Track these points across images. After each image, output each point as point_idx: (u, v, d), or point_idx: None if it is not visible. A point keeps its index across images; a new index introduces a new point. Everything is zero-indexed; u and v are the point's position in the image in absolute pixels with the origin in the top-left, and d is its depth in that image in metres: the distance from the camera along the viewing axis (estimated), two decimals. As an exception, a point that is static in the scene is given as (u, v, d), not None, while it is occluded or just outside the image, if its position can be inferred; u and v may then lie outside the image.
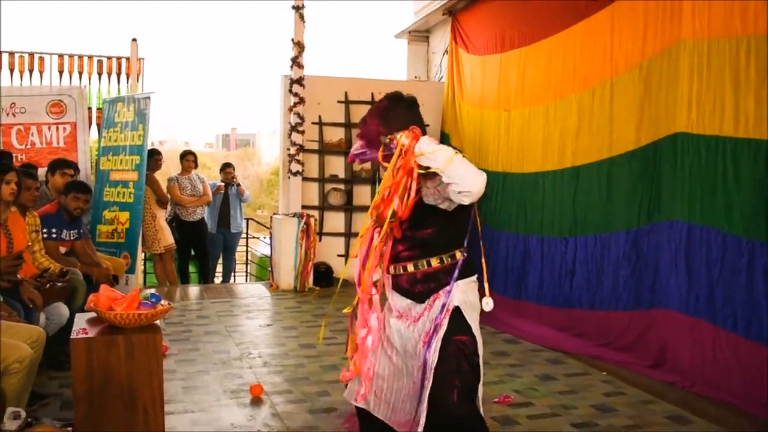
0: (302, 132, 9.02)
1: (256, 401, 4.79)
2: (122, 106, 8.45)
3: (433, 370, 2.77)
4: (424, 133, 2.75)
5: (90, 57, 9.86)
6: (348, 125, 9.60)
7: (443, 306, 2.84)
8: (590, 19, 6.45)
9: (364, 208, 9.63)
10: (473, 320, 2.89)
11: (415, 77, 10.93)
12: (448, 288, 2.86)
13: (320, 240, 9.36)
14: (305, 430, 4.29)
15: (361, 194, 9.70)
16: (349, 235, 9.67)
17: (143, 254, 9.29)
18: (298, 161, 9.00)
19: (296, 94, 8.90)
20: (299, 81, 8.91)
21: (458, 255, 2.93)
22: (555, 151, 6.89)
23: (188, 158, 9.30)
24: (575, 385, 5.24)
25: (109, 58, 9.88)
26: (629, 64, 5.94)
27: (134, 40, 9.39)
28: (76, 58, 9.82)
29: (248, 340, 6.42)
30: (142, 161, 8.06)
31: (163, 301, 3.58)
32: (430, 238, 2.89)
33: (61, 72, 9.82)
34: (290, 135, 9.03)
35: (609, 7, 6.19)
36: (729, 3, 4.93)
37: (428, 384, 2.77)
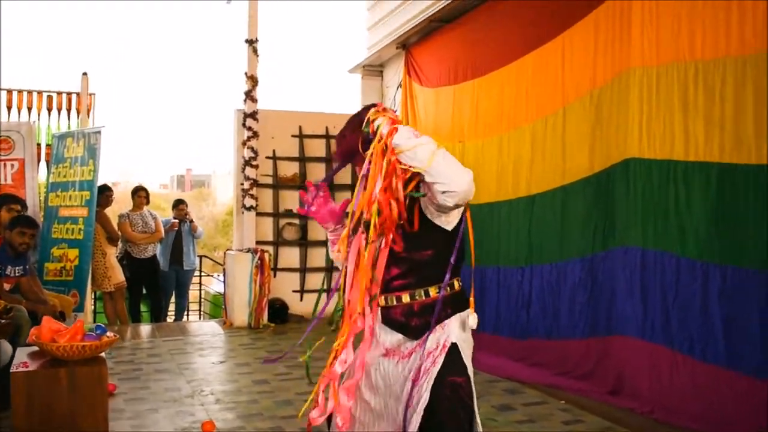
0: (256, 166, 8.93)
1: (208, 437, 4.63)
2: (72, 141, 8.28)
3: (420, 413, 2.42)
4: None
5: (39, 92, 9.71)
6: (303, 159, 9.53)
7: (438, 341, 2.53)
8: (542, 49, 6.50)
9: (320, 243, 9.56)
10: (468, 359, 2.57)
11: (369, 111, 10.90)
12: (445, 321, 2.56)
13: (275, 276, 9.22)
14: (258, 466, 4.14)
15: (317, 229, 9.60)
16: (304, 270, 9.55)
17: (93, 293, 9.05)
18: (251, 196, 8.90)
19: (250, 128, 8.84)
20: (253, 115, 8.85)
21: (456, 285, 2.64)
22: (509, 181, 6.90)
23: (140, 194, 9.13)
24: (533, 414, 5.18)
25: (59, 93, 9.74)
26: (580, 92, 5.99)
27: (85, 74, 9.24)
28: (25, 93, 9.66)
29: (200, 377, 6.24)
30: (92, 197, 7.87)
31: (109, 334, 3.45)
32: (429, 262, 2.56)
33: (9, 108, 9.64)
34: (244, 169, 8.93)
35: (560, 37, 6.25)
36: (676, 30, 5.01)
37: (414, 425, 2.43)
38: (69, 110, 9.70)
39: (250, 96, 8.83)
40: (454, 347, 2.52)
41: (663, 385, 4.98)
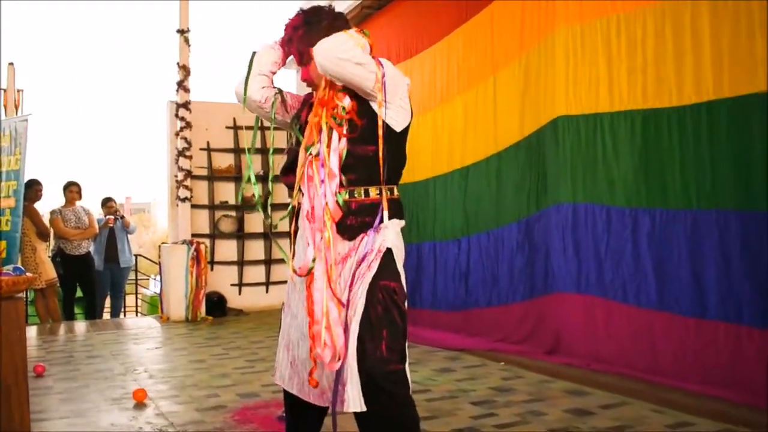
0: (190, 157, 8.79)
1: (140, 406, 4.48)
2: (-4, 132, 8.04)
3: (358, 319, 2.35)
4: None
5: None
6: (237, 151, 9.42)
7: (374, 245, 2.44)
8: (471, 22, 6.57)
9: (257, 235, 9.44)
10: (401, 267, 2.49)
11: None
12: (381, 225, 2.47)
13: (212, 269, 9.05)
14: (190, 425, 4.00)
15: (254, 221, 9.49)
16: (242, 263, 9.40)
17: (24, 291, 8.75)
18: (186, 187, 8.74)
19: (183, 119, 8.70)
20: (185, 105, 8.72)
21: (395, 191, 2.57)
22: (444, 155, 6.92)
23: (72, 189, 8.88)
24: (473, 373, 5.17)
25: (-16, 89, 9.41)
26: (509, 59, 6.06)
27: (11, 64, 8.95)
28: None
29: (134, 359, 6.07)
30: (19, 186, 7.63)
31: (28, 274, 3.33)
32: (372, 160, 2.45)
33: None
34: (177, 161, 8.77)
35: (488, 8, 6.32)
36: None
37: (353, 334, 2.34)
38: (-7, 106, 9.38)
39: (182, 86, 8.69)
40: (388, 252, 2.45)
41: (599, 336, 5.01)
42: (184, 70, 8.72)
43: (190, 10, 8.90)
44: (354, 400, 2.29)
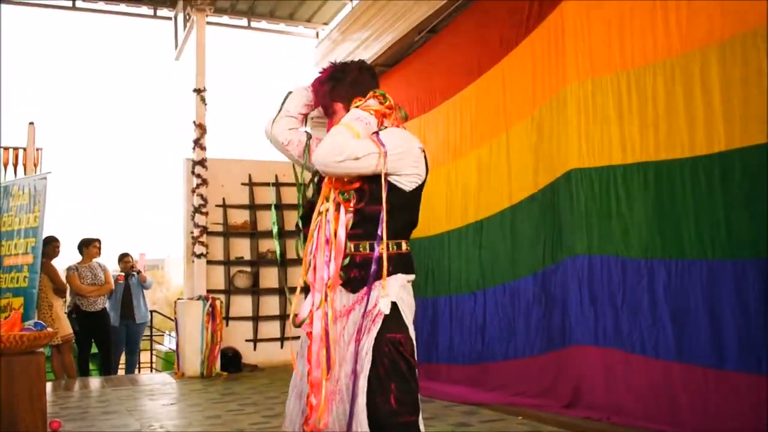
0: (206, 214, 8.88)
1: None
2: (17, 189, 8.15)
3: (366, 374, 2.38)
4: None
5: (-17, 147, 9.55)
6: (252, 207, 9.53)
7: (377, 300, 2.48)
8: (483, 78, 6.69)
9: (272, 291, 9.48)
10: (410, 323, 2.53)
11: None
12: (388, 279, 2.51)
13: (227, 324, 9.07)
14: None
15: (268, 276, 9.53)
16: (257, 318, 9.42)
17: (39, 349, 8.76)
18: (201, 243, 8.81)
19: (199, 176, 8.82)
20: (202, 162, 8.84)
21: (404, 246, 2.61)
22: (458, 210, 6.98)
23: (94, 245, 8.96)
24: (491, 428, 5.11)
25: (6, 148, 9.59)
26: (522, 114, 6.15)
27: (31, 123, 9.13)
28: (-32, 150, 9.50)
29: (150, 416, 6.05)
30: (37, 243, 7.70)
31: (48, 329, 3.37)
32: (379, 218, 2.52)
33: (-49, 165, 9.46)
34: (193, 217, 8.87)
35: (499, 64, 6.45)
36: (607, 43, 5.21)
37: (362, 389, 2.38)
38: (15, 165, 9.54)
39: (198, 144, 8.84)
40: (393, 306, 2.48)
41: (618, 388, 4.97)
42: (201, 128, 8.88)
43: (207, 70, 9.09)
44: None
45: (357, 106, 2.61)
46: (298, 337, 2.72)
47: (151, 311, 10.96)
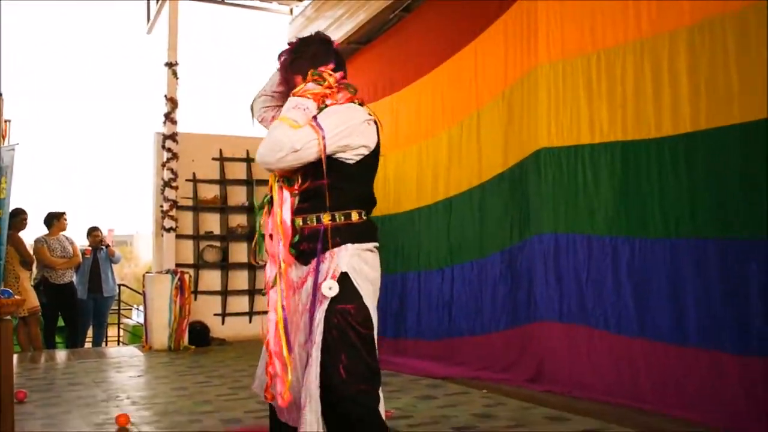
0: (176, 188, 8.85)
1: (123, 431, 4.48)
2: (-18, 161, 8.06)
3: (319, 345, 2.42)
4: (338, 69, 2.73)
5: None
6: (223, 182, 9.51)
7: (328, 271, 2.51)
8: (455, 57, 6.74)
9: (241, 266, 9.48)
10: (367, 293, 2.54)
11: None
12: (335, 250, 2.54)
13: (195, 299, 9.05)
14: (175, 448, 4.02)
15: (238, 251, 9.54)
16: (226, 293, 9.42)
17: (4, 320, 8.69)
18: (171, 217, 8.78)
19: (169, 150, 8.77)
20: (172, 137, 8.80)
21: (354, 216, 2.61)
22: (428, 187, 7.05)
23: (64, 217, 8.90)
24: (456, 401, 5.19)
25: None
26: (493, 93, 6.21)
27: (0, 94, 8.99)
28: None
29: (116, 387, 6.05)
30: (4, 215, 7.64)
31: (15, 296, 3.37)
32: (324, 191, 2.56)
33: None
34: (163, 191, 8.83)
35: (472, 44, 6.50)
36: (579, 24, 5.28)
37: (315, 360, 2.41)
38: (-18, 138, 9.38)
39: (169, 118, 8.79)
40: (344, 276, 2.50)
41: (581, 363, 5.08)
42: (172, 102, 8.83)
43: (179, 44, 9.03)
44: (311, 424, 2.37)
45: (294, 93, 2.62)
46: (267, 312, 2.75)
47: (120, 285, 10.90)
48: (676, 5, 4.56)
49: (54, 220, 8.88)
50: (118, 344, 11.79)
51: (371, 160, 2.67)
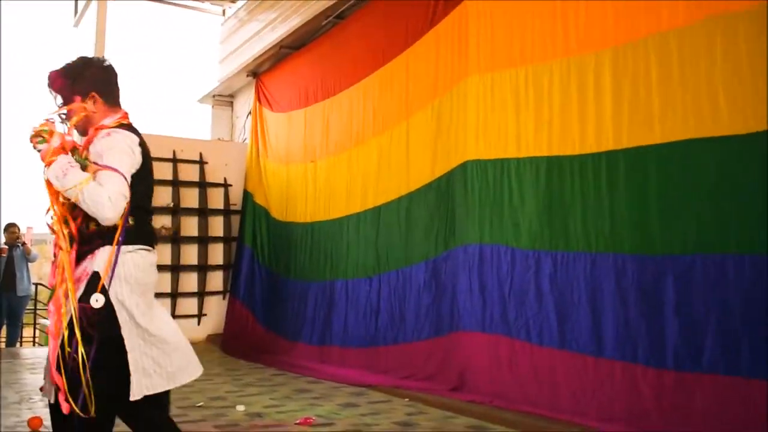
0: (100, 186, 8.61)
1: (35, 433, 4.35)
2: None
3: (58, 339, 2.57)
4: (115, 98, 2.82)
5: None
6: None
7: (85, 270, 2.64)
8: (387, 66, 6.78)
9: (165, 267, 9.30)
10: (127, 294, 2.65)
11: (219, 138, 10.86)
12: (96, 252, 2.64)
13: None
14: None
15: (161, 252, 9.34)
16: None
17: None
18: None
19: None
20: (96, 134, 8.57)
21: (129, 221, 2.70)
22: (357, 195, 7.06)
23: None
24: (378, 409, 5.21)
25: None
26: (423, 104, 6.26)
27: None
28: None
29: (30, 389, 5.86)
30: None
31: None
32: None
33: None
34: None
35: (404, 54, 6.54)
36: (509, 39, 5.38)
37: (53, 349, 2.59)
38: None
39: (94, 115, 8.56)
40: (95, 275, 2.61)
41: (503, 373, 5.14)
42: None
43: (107, 40, 8.83)
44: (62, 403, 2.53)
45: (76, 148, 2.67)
46: (190, 316, 2.79)
47: (36, 284, 10.56)
48: (601, 26, 4.68)
49: None
50: (34, 345, 11.42)
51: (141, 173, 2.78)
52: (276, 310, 8.33)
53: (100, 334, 2.57)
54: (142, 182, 2.74)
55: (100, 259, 2.62)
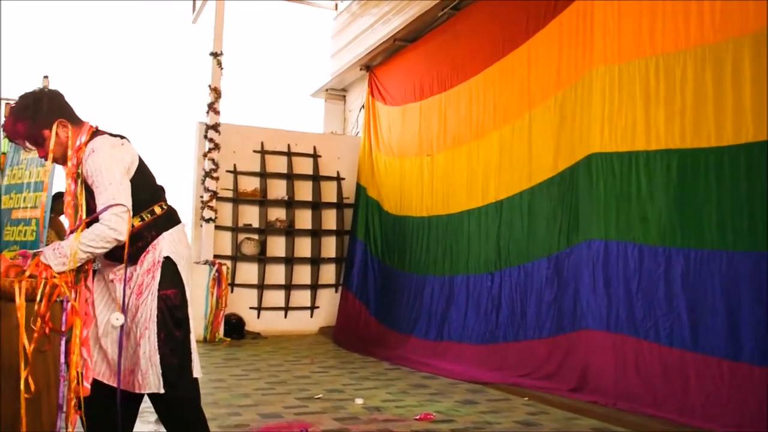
0: (216, 179, 8.85)
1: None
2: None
3: (147, 325, 2.75)
4: (75, 116, 2.87)
5: (-4, 99, 9.46)
6: (263, 175, 9.49)
7: (154, 258, 2.81)
8: (507, 58, 6.64)
9: (278, 260, 9.47)
10: (185, 270, 2.89)
11: (332, 132, 10.96)
12: (154, 242, 2.84)
13: (232, 291, 9.05)
14: (215, 441, 3.99)
15: (275, 245, 9.52)
16: (262, 287, 9.40)
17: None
18: (211, 208, 8.79)
19: (211, 140, 8.78)
20: (215, 127, 8.81)
21: (158, 210, 2.91)
22: (478, 189, 6.96)
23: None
24: (497, 407, 5.12)
25: (19, 101, 9.47)
26: (545, 95, 6.11)
27: (46, 77, 9.02)
28: (-17, 101, 9.39)
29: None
30: (47, 198, 7.66)
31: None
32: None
33: (-34, 116, 9.37)
34: (204, 181, 8.83)
35: (525, 44, 6.39)
36: (637, 28, 5.16)
37: (144, 337, 2.75)
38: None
39: (212, 108, 8.79)
40: (168, 261, 2.82)
41: (628, 374, 4.95)
42: (215, 92, 8.83)
43: (225, 34, 9.02)
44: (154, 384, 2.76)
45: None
46: (303, 308, 2.92)
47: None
48: (741, 11, 4.42)
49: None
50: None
51: (141, 164, 2.93)
52: (389, 304, 8.34)
53: (183, 316, 2.84)
54: (137, 176, 2.85)
55: (163, 247, 2.83)
